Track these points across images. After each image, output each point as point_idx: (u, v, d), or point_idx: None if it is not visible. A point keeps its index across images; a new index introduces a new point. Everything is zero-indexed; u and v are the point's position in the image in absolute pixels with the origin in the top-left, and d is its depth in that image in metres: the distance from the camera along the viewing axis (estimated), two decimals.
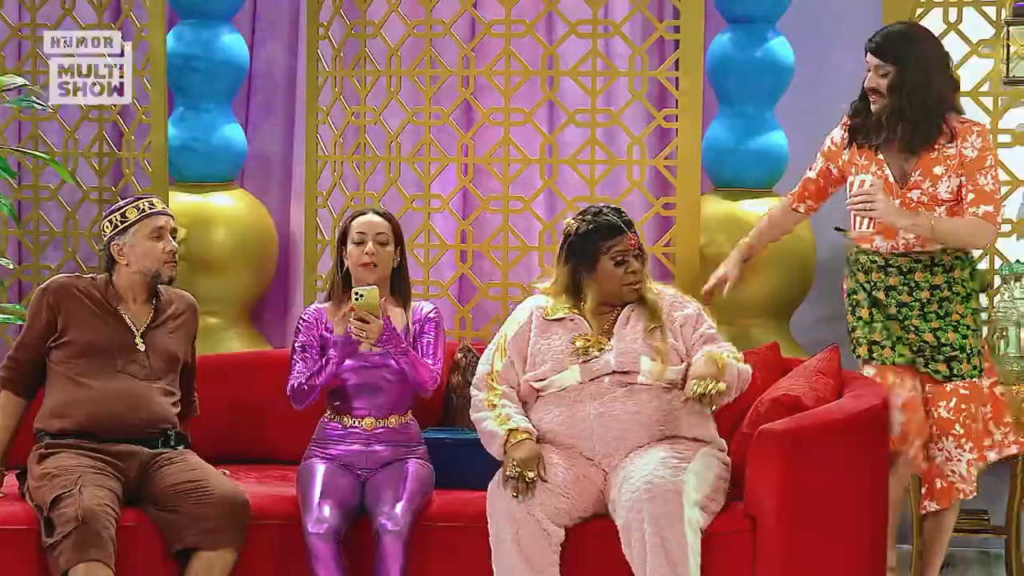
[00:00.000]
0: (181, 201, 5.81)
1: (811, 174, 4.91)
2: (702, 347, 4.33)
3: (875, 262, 4.71)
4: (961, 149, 4.57)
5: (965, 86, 5.53)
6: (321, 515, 4.23)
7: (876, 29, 4.69)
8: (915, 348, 4.68)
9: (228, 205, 5.97)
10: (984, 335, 4.87)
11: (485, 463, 4.36)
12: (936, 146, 4.59)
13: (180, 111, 5.97)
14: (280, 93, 6.20)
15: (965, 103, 5.52)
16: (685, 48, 5.44)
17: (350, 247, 4.51)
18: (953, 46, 5.56)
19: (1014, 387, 5.01)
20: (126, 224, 4.43)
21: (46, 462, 4.27)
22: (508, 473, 4.17)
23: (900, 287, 4.68)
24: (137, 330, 4.45)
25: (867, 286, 4.73)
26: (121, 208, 4.47)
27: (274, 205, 6.22)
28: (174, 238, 4.49)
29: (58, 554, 4.02)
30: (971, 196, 4.55)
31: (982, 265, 5.51)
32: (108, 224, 4.46)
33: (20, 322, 5.64)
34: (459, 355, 5.06)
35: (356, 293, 4.31)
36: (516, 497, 4.13)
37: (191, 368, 4.64)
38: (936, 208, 4.58)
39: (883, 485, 4.59)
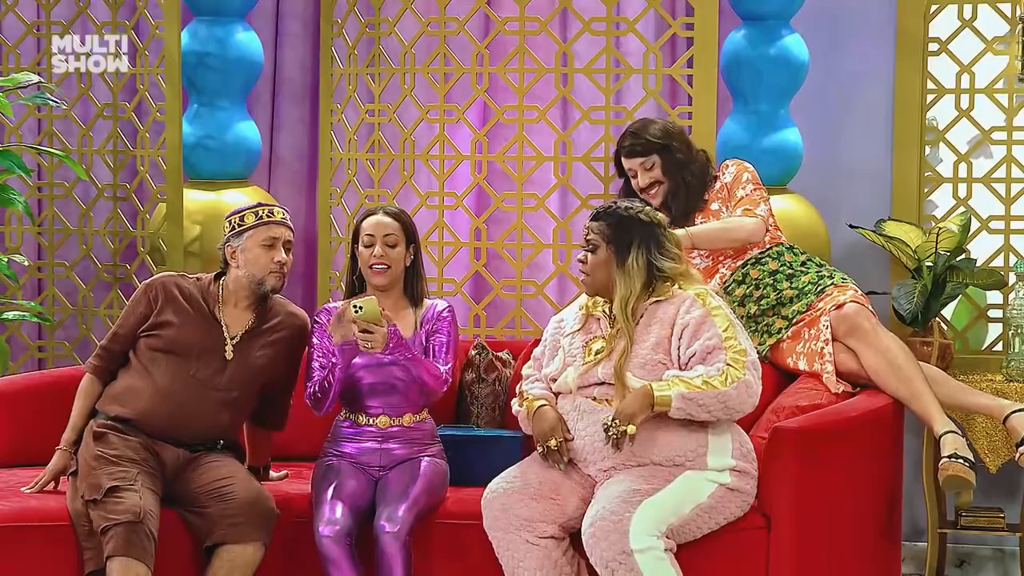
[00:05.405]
0: (195, 198, 5.81)
1: None
2: (695, 364, 4.10)
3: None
4: (723, 181, 5.02)
5: (980, 83, 5.54)
6: (333, 516, 4.22)
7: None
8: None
9: (242, 202, 5.96)
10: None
11: (497, 459, 4.37)
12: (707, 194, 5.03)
13: (195, 108, 5.97)
14: (304, 93, 6.20)
15: (981, 100, 5.54)
16: (699, 45, 5.44)
17: (360, 249, 4.49)
18: (968, 43, 5.57)
19: None
20: (243, 228, 4.40)
21: (101, 442, 4.26)
22: (539, 450, 4.22)
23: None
24: (231, 338, 4.42)
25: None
26: (241, 212, 4.43)
27: (301, 205, 6.19)
28: (288, 251, 4.44)
29: (107, 539, 4.01)
30: (738, 209, 4.93)
31: (998, 262, 5.51)
32: (227, 225, 4.44)
33: (35, 319, 5.68)
34: (473, 352, 5.07)
35: (355, 306, 4.24)
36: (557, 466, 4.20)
37: (286, 384, 4.58)
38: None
39: (898, 482, 4.58)
